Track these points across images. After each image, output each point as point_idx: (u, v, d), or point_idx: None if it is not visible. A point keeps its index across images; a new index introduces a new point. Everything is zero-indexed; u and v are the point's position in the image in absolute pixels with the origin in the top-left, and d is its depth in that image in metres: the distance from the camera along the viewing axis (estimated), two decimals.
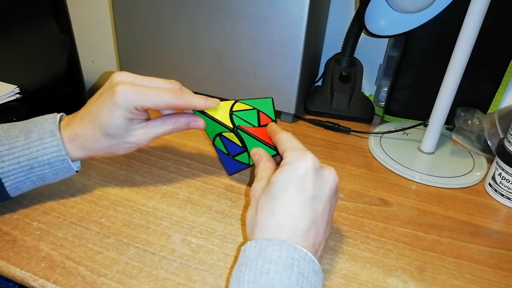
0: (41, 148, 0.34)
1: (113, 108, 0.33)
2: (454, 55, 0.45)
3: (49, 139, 0.34)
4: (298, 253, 0.26)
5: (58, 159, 0.34)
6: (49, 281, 0.31)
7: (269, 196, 0.29)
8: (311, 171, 0.29)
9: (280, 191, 0.28)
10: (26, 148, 0.33)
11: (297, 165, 0.29)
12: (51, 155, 0.34)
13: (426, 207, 0.43)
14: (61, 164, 0.35)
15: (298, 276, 0.25)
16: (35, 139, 0.34)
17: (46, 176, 0.35)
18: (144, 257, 0.34)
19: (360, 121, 0.61)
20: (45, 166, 0.34)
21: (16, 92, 0.58)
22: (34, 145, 0.34)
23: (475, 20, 0.42)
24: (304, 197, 0.28)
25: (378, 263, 0.35)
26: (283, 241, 0.27)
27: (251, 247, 0.27)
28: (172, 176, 0.45)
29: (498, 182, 0.45)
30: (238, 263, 0.27)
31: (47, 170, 0.35)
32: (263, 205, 0.29)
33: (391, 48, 0.60)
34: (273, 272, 0.25)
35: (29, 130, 0.34)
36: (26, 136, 0.34)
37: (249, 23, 0.52)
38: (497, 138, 0.50)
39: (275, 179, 0.29)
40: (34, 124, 0.35)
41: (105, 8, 0.76)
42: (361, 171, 0.49)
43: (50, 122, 0.35)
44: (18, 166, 0.34)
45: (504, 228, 0.41)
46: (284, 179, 0.29)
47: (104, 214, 0.38)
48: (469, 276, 0.35)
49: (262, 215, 0.29)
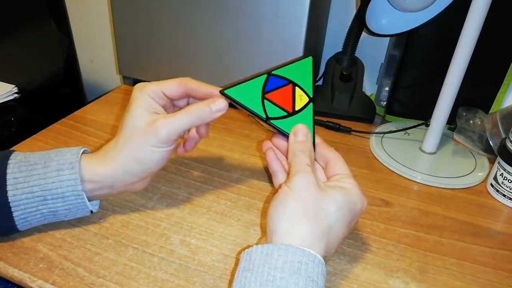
0: (57, 180, 0.32)
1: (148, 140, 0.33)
2: (456, 55, 0.45)
3: (66, 171, 0.32)
4: (307, 256, 0.26)
5: (73, 194, 0.32)
6: (47, 282, 0.31)
7: (329, 208, 0.29)
8: (361, 214, 0.31)
9: (339, 213, 0.29)
10: (43, 178, 0.32)
11: (358, 201, 0.31)
12: (66, 188, 0.32)
13: (427, 207, 0.43)
14: (75, 200, 0.33)
15: (306, 280, 0.25)
16: (53, 169, 0.32)
17: (58, 210, 0.33)
18: (143, 258, 0.33)
19: (361, 121, 0.60)
20: (58, 199, 0.32)
21: (14, 91, 0.58)
22: (51, 176, 0.32)
23: (476, 19, 0.42)
24: (346, 231, 0.30)
25: (379, 264, 0.35)
26: (289, 245, 0.26)
27: (257, 252, 0.26)
28: (171, 176, 0.44)
29: (500, 183, 0.44)
30: (243, 267, 0.26)
31: (59, 204, 0.33)
32: (321, 213, 0.28)
33: (392, 47, 0.60)
34: (279, 280, 0.24)
35: (49, 159, 0.33)
36: (45, 164, 0.32)
37: (249, 22, 0.51)
38: (499, 138, 0.50)
39: (339, 197, 0.29)
40: (56, 153, 0.33)
41: (104, 7, 0.75)
42: (362, 172, 0.48)
43: (72, 153, 0.33)
44: (31, 196, 0.32)
45: (506, 229, 0.41)
46: (347, 205, 0.30)
47: (102, 215, 0.38)
48: (471, 277, 0.34)
49: (317, 222, 0.28)
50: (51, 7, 0.56)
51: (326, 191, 0.29)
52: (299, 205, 0.28)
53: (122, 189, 0.35)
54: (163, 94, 0.35)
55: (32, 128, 0.51)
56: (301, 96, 0.35)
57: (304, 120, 0.35)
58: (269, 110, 0.35)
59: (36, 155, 0.33)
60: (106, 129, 0.54)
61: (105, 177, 0.33)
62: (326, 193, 0.29)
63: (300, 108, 0.35)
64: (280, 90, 0.35)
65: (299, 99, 0.35)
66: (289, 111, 0.35)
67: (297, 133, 0.33)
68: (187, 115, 0.33)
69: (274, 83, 0.35)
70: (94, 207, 0.36)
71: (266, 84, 0.35)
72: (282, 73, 0.35)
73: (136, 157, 0.33)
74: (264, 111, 0.34)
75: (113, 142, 0.34)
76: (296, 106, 0.35)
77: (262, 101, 0.35)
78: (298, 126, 0.34)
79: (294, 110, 0.35)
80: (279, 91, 0.35)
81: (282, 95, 0.35)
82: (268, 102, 0.35)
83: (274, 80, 0.35)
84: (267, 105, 0.35)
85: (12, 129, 0.58)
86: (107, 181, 0.34)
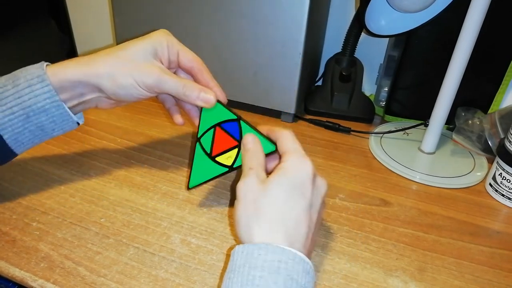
0: (33, 95, 0.32)
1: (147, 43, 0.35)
2: (455, 55, 0.45)
3: (38, 85, 0.32)
4: (286, 255, 0.26)
5: (52, 105, 0.33)
6: (48, 281, 0.31)
7: (272, 197, 0.28)
8: (311, 179, 0.29)
9: (284, 194, 0.28)
10: (17, 97, 0.32)
11: (299, 170, 0.29)
12: (44, 101, 0.32)
13: (426, 207, 0.43)
14: (56, 111, 0.33)
15: (285, 279, 0.25)
16: (24, 86, 0.32)
17: (44, 125, 0.34)
18: (143, 257, 0.34)
19: (361, 121, 0.60)
20: (40, 114, 0.33)
21: None
22: (25, 92, 0.32)
23: (475, 20, 0.42)
24: (305, 204, 0.28)
25: (378, 263, 0.35)
26: (269, 244, 0.26)
27: (239, 252, 0.27)
28: (172, 176, 0.45)
29: (498, 182, 0.45)
30: (228, 269, 0.27)
31: (43, 118, 0.33)
32: (266, 206, 0.28)
33: (391, 48, 0.60)
34: (258, 279, 0.25)
35: (16, 77, 0.33)
36: (14, 84, 0.33)
37: (249, 22, 0.51)
38: (497, 138, 0.50)
39: (276, 180, 0.29)
40: (20, 71, 0.33)
41: (104, 7, 0.75)
42: (361, 171, 0.48)
43: (36, 68, 0.33)
44: (13, 116, 0.32)
45: (505, 228, 0.41)
46: (286, 182, 0.29)
47: (103, 215, 0.38)
48: (470, 276, 0.35)
49: (265, 216, 0.28)
50: (52, 7, 0.56)
51: (265, 182, 0.29)
52: (247, 210, 0.29)
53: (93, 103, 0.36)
54: (177, 54, 0.37)
55: None
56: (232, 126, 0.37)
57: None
58: (225, 161, 0.36)
59: (1, 80, 0.33)
60: (107, 129, 0.54)
61: (74, 82, 0.33)
62: (265, 185, 0.29)
63: (239, 133, 0.36)
64: (216, 140, 0.37)
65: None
66: (236, 145, 0.36)
67: (244, 145, 0.34)
68: (180, 86, 0.35)
69: (207, 141, 0.37)
70: (80, 120, 0.36)
71: (203, 148, 0.37)
72: (203, 129, 0.38)
73: (115, 77, 0.34)
74: (223, 165, 0.36)
75: (98, 53, 0.35)
76: (236, 135, 0.36)
77: (215, 161, 0.37)
78: (243, 139, 0.34)
79: (237, 140, 0.36)
80: (216, 141, 0.37)
81: (220, 141, 0.37)
82: (219, 156, 0.37)
83: (204, 139, 0.38)
84: (220, 160, 0.36)
85: None
86: (77, 86, 0.34)
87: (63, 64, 0.34)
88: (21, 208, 0.38)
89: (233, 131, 0.36)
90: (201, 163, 0.38)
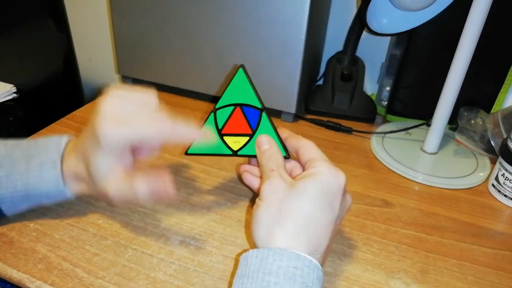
0: (39, 179, 0.32)
1: (98, 151, 0.30)
2: (457, 54, 0.44)
3: (48, 170, 0.32)
4: (302, 261, 0.25)
5: (56, 190, 0.33)
6: (46, 283, 0.31)
7: (299, 201, 0.27)
8: (342, 190, 0.29)
9: (312, 201, 0.27)
10: (25, 177, 0.32)
11: (331, 180, 0.29)
12: (48, 187, 0.33)
13: (428, 208, 0.43)
14: (59, 195, 0.34)
15: (301, 286, 0.24)
16: (35, 168, 0.32)
17: (43, 202, 0.34)
18: (142, 259, 0.33)
19: (362, 121, 0.60)
20: (42, 196, 0.33)
21: (13, 91, 0.57)
22: (33, 175, 0.32)
23: (478, 19, 0.42)
24: (332, 215, 0.28)
25: (380, 265, 0.35)
26: (284, 249, 0.25)
27: (253, 257, 0.26)
28: (171, 176, 0.44)
29: (501, 183, 0.44)
30: (240, 273, 0.26)
31: (44, 199, 0.34)
32: (291, 209, 0.27)
33: (393, 47, 0.59)
34: (273, 285, 0.24)
35: (31, 156, 0.33)
36: (27, 161, 0.33)
37: (249, 21, 0.51)
38: (500, 138, 0.49)
39: (306, 186, 0.28)
40: (37, 149, 0.33)
41: (102, 7, 0.75)
42: (363, 172, 0.48)
43: (53, 149, 0.33)
44: (15, 193, 0.33)
45: (507, 229, 0.40)
46: (316, 189, 0.28)
47: (101, 216, 0.38)
48: (472, 278, 0.34)
49: (290, 220, 0.27)
50: (50, 7, 0.56)
51: (294, 185, 0.28)
52: (270, 210, 0.28)
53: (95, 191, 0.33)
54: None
55: (31, 128, 0.50)
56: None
57: (265, 131, 0.35)
58: (232, 144, 0.35)
59: (18, 149, 0.33)
60: None
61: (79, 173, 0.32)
62: (294, 188, 0.28)
63: (257, 123, 0.35)
64: (232, 119, 0.35)
65: None
66: (249, 133, 0.35)
67: (259, 145, 0.33)
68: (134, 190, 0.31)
69: (222, 116, 0.36)
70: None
71: (216, 121, 0.36)
72: (224, 102, 0.36)
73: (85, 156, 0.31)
74: (228, 147, 0.35)
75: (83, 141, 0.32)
76: (253, 124, 0.35)
77: (222, 139, 0.35)
78: (258, 138, 0.34)
79: (253, 129, 0.35)
80: (231, 121, 0.35)
81: (235, 122, 0.35)
82: (227, 136, 0.35)
83: (220, 113, 0.36)
84: (227, 140, 0.35)
85: (10, 129, 0.58)
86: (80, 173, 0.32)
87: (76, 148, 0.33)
88: None
89: (251, 119, 0.35)
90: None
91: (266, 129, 0.34)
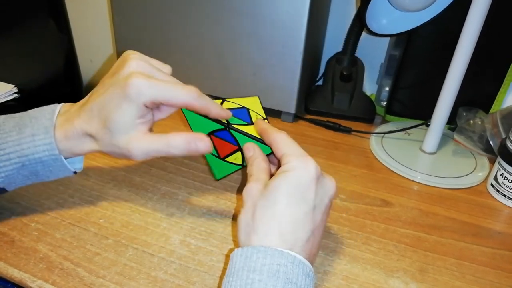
0: (32, 145, 0.32)
1: (123, 101, 0.30)
2: (456, 54, 0.45)
3: (41, 136, 0.32)
4: (285, 258, 0.26)
5: (50, 158, 0.32)
6: (47, 282, 0.31)
7: (270, 201, 0.28)
8: (314, 180, 0.28)
9: (283, 198, 0.28)
10: (17, 144, 0.32)
11: (300, 173, 0.29)
12: (43, 153, 0.32)
13: (427, 207, 0.43)
14: (54, 163, 0.33)
15: (285, 282, 0.24)
16: (28, 134, 0.32)
17: (39, 173, 0.33)
18: (143, 258, 0.33)
19: (361, 121, 0.60)
20: (37, 164, 0.32)
21: (14, 91, 0.57)
22: (26, 141, 0.32)
23: (477, 19, 0.42)
24: (306, 207, 0.28)
25: (379, 264, 0.35)
26: (268, 247, 0.26)
27: (238, 256, 0.26)
28: (171, 176, 0.44)
29: (500, 183, 0.44)
30: (227, 272, 0.27)
31: (39, 168, 0.33)
32: (263, 211, 0.28)
33: (392, 47, 0.60)
34: (257, 282, 0.24)
35: (24, 125, 0.32)
36: (20, 131, 0.32)
37: (249, 22, 0.51)
38: (499, 138, 0.50)
39: (276, 184, 0.28)
40: (30, 118, 0.33)
41: (103, 7, 0.75)
42: (362, 172, 0.48)
43: (47, 117, 0.32)
44: (8, 162, 0.32)
45: (506, 229, 0.41)
46: (286, 186, 0.28)
47: (102, 215, 0.38)
48: (471, 277, 0.34)
49: (261, 221, 0.28)
50: (51, 7, 0.56)
51: (267, 186, 0.29)
52: (246, 216, 0.29)
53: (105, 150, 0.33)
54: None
55: None
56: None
57: (243, 141, 0.36)
58: (235, 160, 0.38)
59: (11, 122, 0.33)
60: None
61: (85, 129, 0.32)
62: (267, 189, 0.29)
63: (234, 139, 0.36)
64: (217, 146, 0.37)
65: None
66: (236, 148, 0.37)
67: (245, 154, 0.34)
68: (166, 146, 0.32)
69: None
70: (79, 165, 0.35)
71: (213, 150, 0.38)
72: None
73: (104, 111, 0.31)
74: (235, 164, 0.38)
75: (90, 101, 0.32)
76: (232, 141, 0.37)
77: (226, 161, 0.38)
78: (243, 149, 0.35)
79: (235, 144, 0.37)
80: (218, 147, 0.37)
81: (221, 146, 0.38)
82: (228, 157, 0.38)
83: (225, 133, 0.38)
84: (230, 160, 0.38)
85: None
86: (77, 133, 0.32)
87: (80, 110, 0.33)
88: (20, 209, 0.38)
89: (228, 138, 0.36)
90: (215, 161, 0.38)
91: (242, 139, 0.36)
